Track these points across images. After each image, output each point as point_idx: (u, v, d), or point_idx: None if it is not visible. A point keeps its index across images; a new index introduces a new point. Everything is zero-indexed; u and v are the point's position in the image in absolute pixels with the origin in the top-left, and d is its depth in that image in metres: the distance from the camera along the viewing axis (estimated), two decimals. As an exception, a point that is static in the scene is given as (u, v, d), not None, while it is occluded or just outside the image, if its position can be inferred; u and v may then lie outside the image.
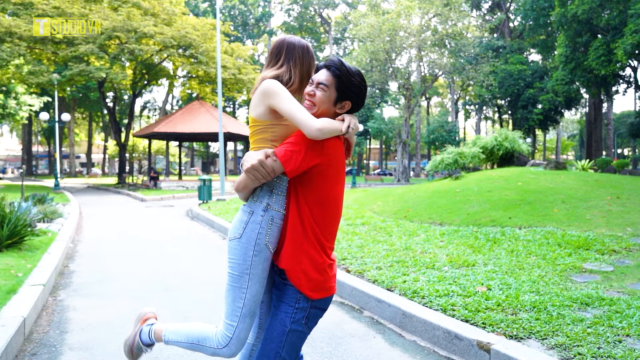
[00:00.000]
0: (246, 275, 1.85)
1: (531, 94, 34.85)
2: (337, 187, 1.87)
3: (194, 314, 4.15)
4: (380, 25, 30.57)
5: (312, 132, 1.72)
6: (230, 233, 1.90)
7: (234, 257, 1.87)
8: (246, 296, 1.86)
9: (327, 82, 1.87)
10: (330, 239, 1.89)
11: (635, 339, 2.99)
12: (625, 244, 5.57)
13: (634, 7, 21.85)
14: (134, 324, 2.24)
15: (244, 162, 1.81)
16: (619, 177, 12.40)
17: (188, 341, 1.99)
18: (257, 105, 1.86)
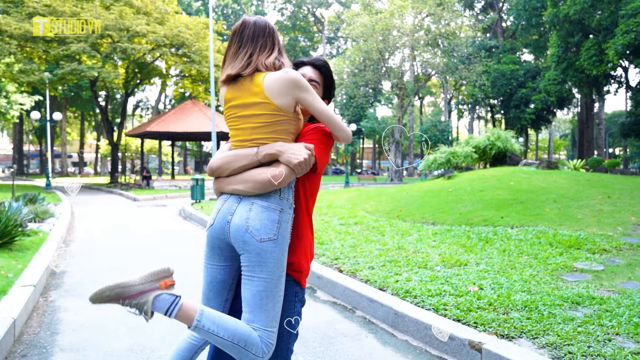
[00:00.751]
0: (283, 278, 1.72)
1: (524, 94, 35.06)
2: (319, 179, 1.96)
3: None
4: (373, 25, 30.60)
5: (349, 138, 1.80)
6: (259, 234, 1.65)
7: (273, 260, 1.67)
8: (282, 299, 1.74)
9: (319, 80, 1.91)
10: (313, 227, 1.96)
11: (625, 338, 3.02)
12: (616, 243, 5.61)
13: (624, 7, 22.03)
14: (145, 277, 1.69)
15: (289, 154, 1.67)
16: (610, 177, 12.51)
17: (230, 339, 1.67)
18: (284, 95, 1.70)
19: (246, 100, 1.73)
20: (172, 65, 29.10)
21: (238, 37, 1.79)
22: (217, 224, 1.72)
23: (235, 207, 1.71)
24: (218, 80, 2.29)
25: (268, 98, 1.70)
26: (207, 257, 1.82)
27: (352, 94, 41.04)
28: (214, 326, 1.68)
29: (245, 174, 1.72)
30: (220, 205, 1.75)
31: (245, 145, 1.74)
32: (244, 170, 1.72)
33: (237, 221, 1.67)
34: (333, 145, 1.88)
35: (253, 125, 1.73)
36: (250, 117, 1.73)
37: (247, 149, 1.73)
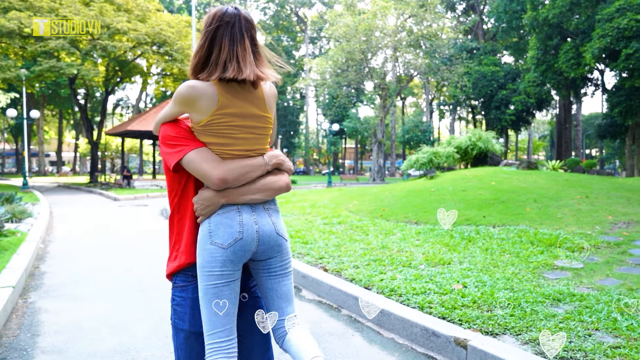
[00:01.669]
0: None
1: (504, 95, 35.60)
2: None
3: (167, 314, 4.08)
4: (356, 25, 30.71)
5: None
6: (285, 234, 1.77)
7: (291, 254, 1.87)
8: None
9: None
10: None
11: (604, 333, 3.09)
12: (594, 242, 5.74)
13: (600, 12, 22.55)
14: None
15: (289, 163, 1.81)
16: (588, 177, 12.78)
17: None
18: (272, 107, 1.78)
19: (249, 111, 1.67)
20: (153, 64, 28.77)
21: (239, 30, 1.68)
22: (248, 237, 1.65)
23: (255, 216, 1.68)
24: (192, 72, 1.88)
25: (269, 112, 1.73)
26: (229, 275, 1.65)
27: (334, 94, 41.12)
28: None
29: (260, 183, 1.70)
30: (239, 217, 1.66)
31: (249, 155, 1.70)
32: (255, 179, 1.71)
33: (266, 228, 1.69)
34: None
35: (256, 136, 1.70)
36: (254, 128, 1.69)
37: (256, 158, 1.71)
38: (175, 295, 1.75)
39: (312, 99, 59.31)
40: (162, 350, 3.31)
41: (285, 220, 9.13)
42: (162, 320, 3.95)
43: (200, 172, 1.63)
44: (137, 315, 4.08)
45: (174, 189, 1.74)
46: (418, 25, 33.08)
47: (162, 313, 4.13)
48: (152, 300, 4.56)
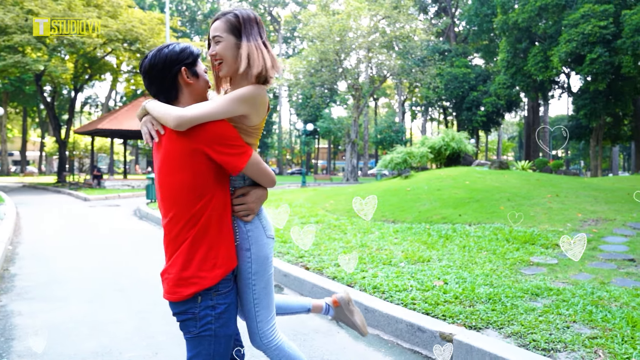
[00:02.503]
0: None
1: (475, 97, 36.33)
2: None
3: (153, 314, 4.02)
4: (330, 26, 30.80)
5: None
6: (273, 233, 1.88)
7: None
8: None
9: None
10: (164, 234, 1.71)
11: (581, 325, 3.20)
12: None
13: (567, 18, 23.28)
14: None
15: None
16: (556, 177, 13.17)
17: None
18: None
19: None
20: (124, 61, 28.14)
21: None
22: None
23: None
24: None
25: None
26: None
27: (308, 94, 41.12)
28: None
29: None
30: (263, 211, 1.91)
31: None
32: None
33: None
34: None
35: None
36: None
37: None
38: (218, 302, 1.68)
39: (285, 98, 59.15)
40: (146, 350, 3.25)
41: (263, 219, 9.08)
42: (144, 320, 3.88)
43: (262, 172, 1.73)
44: (117, 315, 4.00)
45: (201, 197, 1.62)
46: (391, 27, 33.42)
47: (143, 313, 4.06)
48: (132, 300, 4.47)
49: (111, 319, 3.90)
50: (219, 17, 1.76)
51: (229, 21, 1.73)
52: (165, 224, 1.68)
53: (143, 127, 1.71)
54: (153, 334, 3.56)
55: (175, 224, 1.64)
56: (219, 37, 1.72)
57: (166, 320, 3.87)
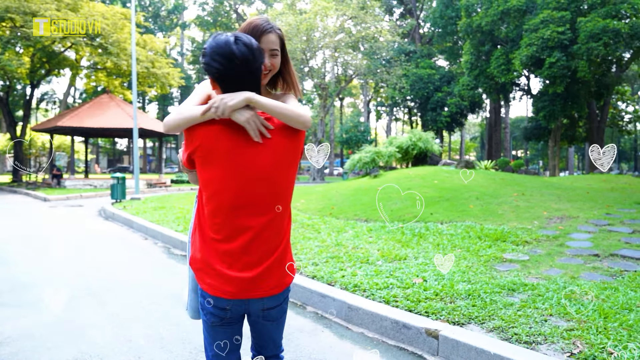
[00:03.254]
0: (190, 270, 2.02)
1: (439, 98, 37.06)
2: (218, 173, 1.63)
3: (130, 318, 3.91)
4: (297, 25, 30.75)
5: (164, 127, 1.68)
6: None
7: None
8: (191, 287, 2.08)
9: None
10: (217, 230, 1.65)
11: (557, 318, 3.33)
12: (535, 236, 6.14)
13: (528, 23, 24.08)
14: None
15: None
16: (520, 176, 13.61)
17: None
18: None
19: None
20: (83, 56, 27.20)
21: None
22: None
23: None
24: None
25: None
26: None
27: (275, 93, 40.90)
28: None
29: None
30: None
31: None
32: None
33: None
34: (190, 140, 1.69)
35: None
36: None
37: None
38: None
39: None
40: (127, 355, 3.16)
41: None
42: (122, 324, 3.77)
43: None
44: (93, 320, 3.87)
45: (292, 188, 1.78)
46: (357, 27, 33.65)
47: (120, 316, 3.94)
48: (107, 304, 4.33)
49: (87, 323, 3.78)
50: (270, 30, 1.79)
51: (280, 37, 1.84)
52: (264, 220, 1.66)
53: (250, 122, 1.60)
54: (133, 338, 3.47)
55: (281, 219, 1.70)
56: (276, 51, 1.82)
57: (144, 323, 3.79)
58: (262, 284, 1.67)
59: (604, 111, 29.15)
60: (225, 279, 1.64)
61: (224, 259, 1.64)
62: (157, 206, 11.70)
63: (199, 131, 1.61)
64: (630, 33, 21.45)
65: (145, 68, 24.25)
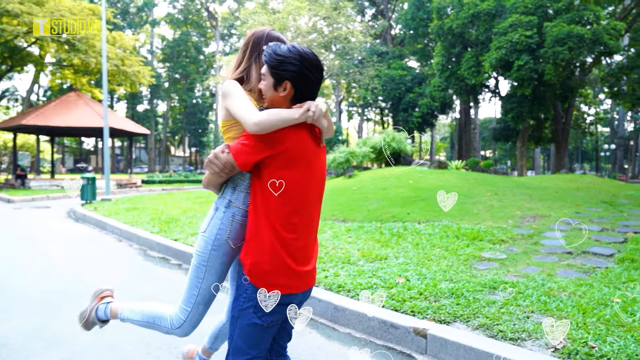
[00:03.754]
0: (203, 267, 1.98)
1: (411, 98, 37.53)
2: (300, 176, 1.76)
3: (112, 323, 3.80)
4: (271, 24, 30.62)
5: (250, 128, 1.69)
6: (201, 226, 2.01)
7: (197, 249, 2.00)
8: (202, 286, 2.00)
9: (264, 70, 1.83)
10: (293, 230, 1.77)
11: (539, 314, 3.43)
12: (510, 234, 6.31)
13: (497, 26, 24.69)
14: (90, 299, 2.49)
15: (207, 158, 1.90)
16: (491, 176, 13.93)
17: (143, 320, 2.21)
18: (221, 108, 1.94)
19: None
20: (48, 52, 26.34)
21: None
22: None
23: None
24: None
25: (221, 112, 1.96)
26: None
27: (247, 93, 40.63)
28: (130, 314, 2.30)
29: None
30: None
31: None
32: None
33: None
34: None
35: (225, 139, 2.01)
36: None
37: None
38: None
39: (223, 96, 57.96)
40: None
41: (211, 220, 8.89)
42: (103, 330, 3.66)
43: None
44: (74, 326, 3.75)
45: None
46: (330, 27, 33.75)
47: (101, 322, 3.84)
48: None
49: (67, 330, 3.66)
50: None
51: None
52: (315, 224, 1.91)
53: (330, 129, 1.89)
54: (117, 344, 3.39)
55: (318, 222, 1.94)
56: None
57: (127, 329, 3.70)
58: (314, 275, 1.93)
59: (569, 113, 30.16)
60: (296, 275, 1.80)
61: (296, 257, 1.80)
62: (130, 207, 11.46)
63: (289, 134, 1.71)
64: (592, 39, 22.27)
65: (115, 66, 23.70)
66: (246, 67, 2.02)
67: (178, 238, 7.02)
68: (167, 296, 4.59)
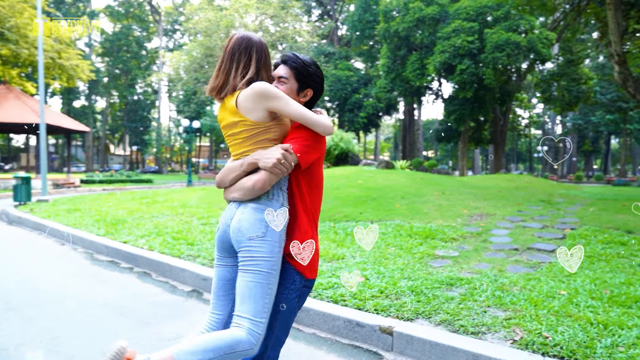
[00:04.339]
0: (274, 272, 1.89)
1: (357, 99, 38.12)
2: (322, 173, 2.08)
3: (64, 332, 3.61)
4: (218, 21, 30.06)
5: (328, 130, 1.92)
6: (248, 232, 1.88)
7: (262, 254, 1.87)
8: (272, 292, 1.90)
9: (287, 74, 2.02)
10: (317, 221, 2.06)
11: (495, 309, 3.60)
12: (461, 232, 6.56)
13: (441, 31, 25.59)
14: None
15: (264, 160, 1.86)
16: (436, 176, 14.42)
17: (218, 355, 1.79)
18: (255, 109, 1.89)
19: (229, 120, 1.95)
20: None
21: (223, 52, 1.98)
22: (222, 228, 1.99)
23: (234, 212, 1.95)
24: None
25: (243, 116, 1.90)
26: (216, 259, 2.06)
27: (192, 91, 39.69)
28: (195, 355, 1.77)
29: (237, 184, 1.95)
30: (225, 212, 2.00)
31: (237, 159, 1.98)
32: (237, 181, 1.96)
33: (234, 223, 1.92)
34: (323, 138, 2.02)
35: (238, 141, 1.96)
36: (235, 135, 1.96)
37: (236, 162, 1.97)
38: None
39: (165, 94, 56.36)
40: None
41: (159, 221, 8.63)
42: (58, 341, 3.47)
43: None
44: (21, 338, 3.51)
45: None
46: (276, 26, 33.59)
47: (52, 333, 3.62)
48: (34, 319, 3.94)
49: (15, 343, 3.42)
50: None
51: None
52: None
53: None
54: (74, 355, 3.21)
55: None
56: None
57: (84, 338, 3.53)
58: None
59: (506, 116, 31.77)
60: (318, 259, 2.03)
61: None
62: (71, 208, 10.87)
63: (324, 139, 2.03)
64: (527, 46, 23.60)
65: (51, 58, 22.39)
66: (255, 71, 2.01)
67: (127, 240, 6.75)
68: (122, 301, 4.41)
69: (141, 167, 63.92)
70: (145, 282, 5.20)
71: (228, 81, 1.95)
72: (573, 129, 50.51)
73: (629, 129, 43.33)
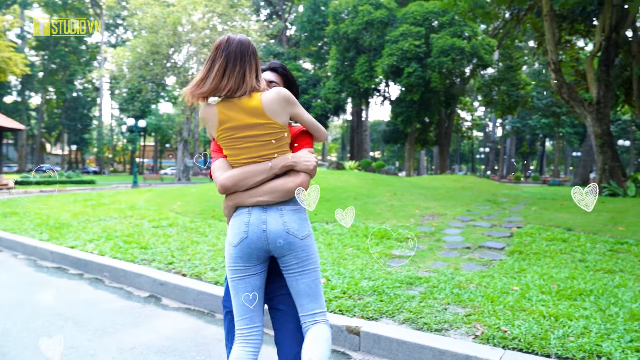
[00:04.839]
0: (319, 266, 2.03)
1: (306, 100, 38.24)
2: None
3: (15, 347, 3.39)
4: (164, 17, 29.23)
5: (325, 137, 2.09)
6: (299, 233, 1.92)
7: (313, 252, 1.97)
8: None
9: (277, 80, 2.11)
10: None
11: (455, 306, 3.73)
12: (415, 232, 6.74)
13: (389, 34, 26.17)
14: None
15: (303, 163, 1.92)
16: (387, 177, 14.74)
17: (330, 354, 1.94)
18: (282, 113, 1.90)
19: (246, 121, 1.87)
20: None
21: (224, 52, 1.88)
22: (253, 235, 1.89)
23: (264, 216, 1.89)
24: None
25: (271, 118, 1.87)
26: (241, 270, 1.94)
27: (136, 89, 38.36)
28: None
29: (268, 186, 1.90)
30: (247, 218, 1.90)
31: (255, 162, 1.90)
32: (262, 183, 1.90)
33: (274, 228, 1.88)
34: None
35: (259, 143, 1.89)
36: (255, 137, 1.88)
37: (261, 164, 1.90)
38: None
39: (107, 91, 54.09)
40: None
41: (107, 224, 8.28)
42: (4, 357, 3.25)
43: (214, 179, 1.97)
44: None
45: None
46: (225, 25, 33.12)
47: (5, 349, 3.40)
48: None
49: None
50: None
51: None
52: None
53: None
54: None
55: None
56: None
57: (36, 353, 3.33)
58: None
59: (451, 118, 32.95)
60: None
61: None
62: (7, 211, 10.21)
63: None
64: (471, 52, 24.61)
65: (-20, 51, 20.91)
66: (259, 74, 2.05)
67: (75, 245, 6.43)
68: (75, 310, 4.20)
69: (81, 167, 60.99)
70: (98, 288, 4.98)
71: (245, 82, 1.87)
72: (512, 131, 53.20)
73: (562, 132, 46.18)
